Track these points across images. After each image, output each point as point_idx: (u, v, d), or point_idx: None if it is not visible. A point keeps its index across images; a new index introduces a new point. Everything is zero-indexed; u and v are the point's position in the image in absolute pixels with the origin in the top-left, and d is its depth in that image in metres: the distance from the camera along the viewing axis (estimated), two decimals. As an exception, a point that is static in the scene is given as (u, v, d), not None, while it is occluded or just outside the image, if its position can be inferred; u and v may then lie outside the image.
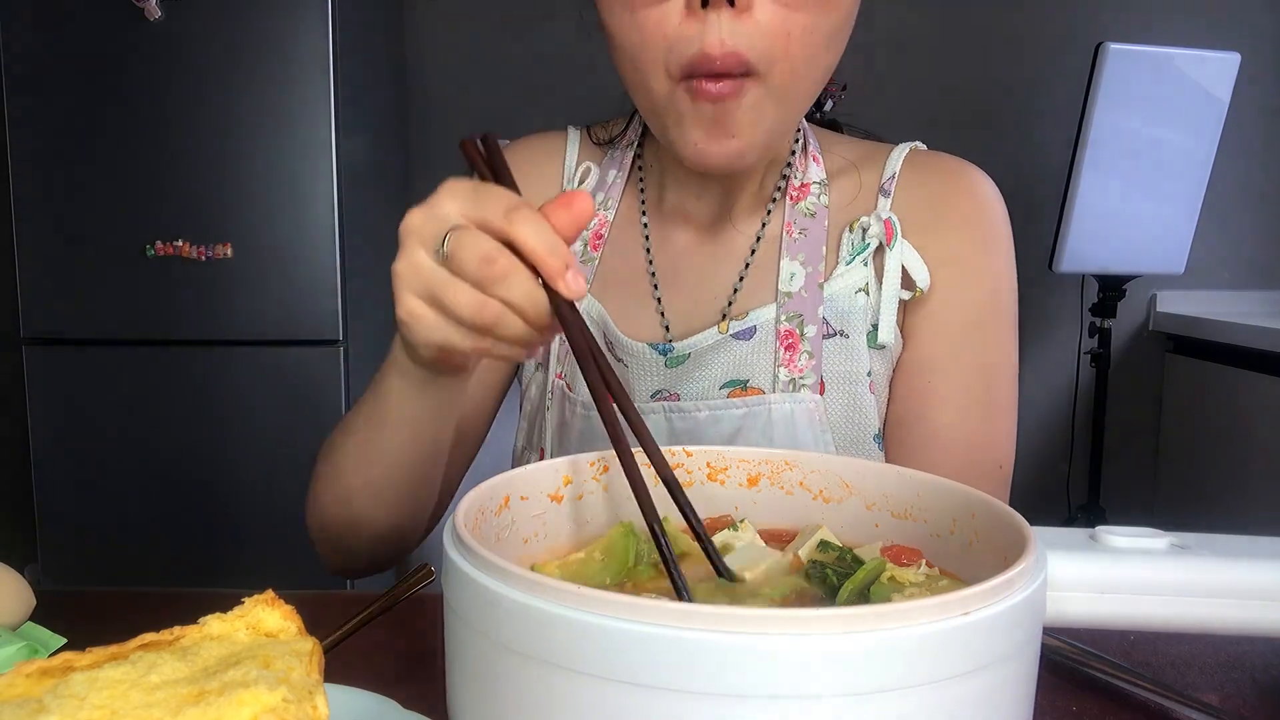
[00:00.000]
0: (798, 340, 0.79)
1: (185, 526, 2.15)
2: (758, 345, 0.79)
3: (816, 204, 0.82)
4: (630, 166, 0.87)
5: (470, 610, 0.37)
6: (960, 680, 0.34)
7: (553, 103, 2.37)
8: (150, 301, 2.10)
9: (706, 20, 0.65)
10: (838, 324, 0.79)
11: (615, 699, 0.33)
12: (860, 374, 0.79)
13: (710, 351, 0.79)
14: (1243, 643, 0.63)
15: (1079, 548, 0.46)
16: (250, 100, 2.07)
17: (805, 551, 0.50)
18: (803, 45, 0.67)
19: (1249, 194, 2.69)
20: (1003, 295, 0.81)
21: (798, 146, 0.83)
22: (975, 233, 0.80)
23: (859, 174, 0.83)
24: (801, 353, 0.78)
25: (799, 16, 0.66)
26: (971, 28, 2.67)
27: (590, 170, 0.86)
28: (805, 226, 0.81)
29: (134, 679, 0.34)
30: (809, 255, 0.80)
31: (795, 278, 0.80)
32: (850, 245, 0.80)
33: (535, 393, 0.86)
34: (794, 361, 0.78)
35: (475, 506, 0.45)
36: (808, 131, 0.84)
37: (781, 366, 0.78)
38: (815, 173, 0.83)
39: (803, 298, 0.79)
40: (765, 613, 0.33)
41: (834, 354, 0.79)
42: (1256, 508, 2.34)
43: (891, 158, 0.83)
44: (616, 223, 0.86)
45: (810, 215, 0.81)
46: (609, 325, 0.82)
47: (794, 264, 0.80)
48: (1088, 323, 2.52)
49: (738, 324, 0.79)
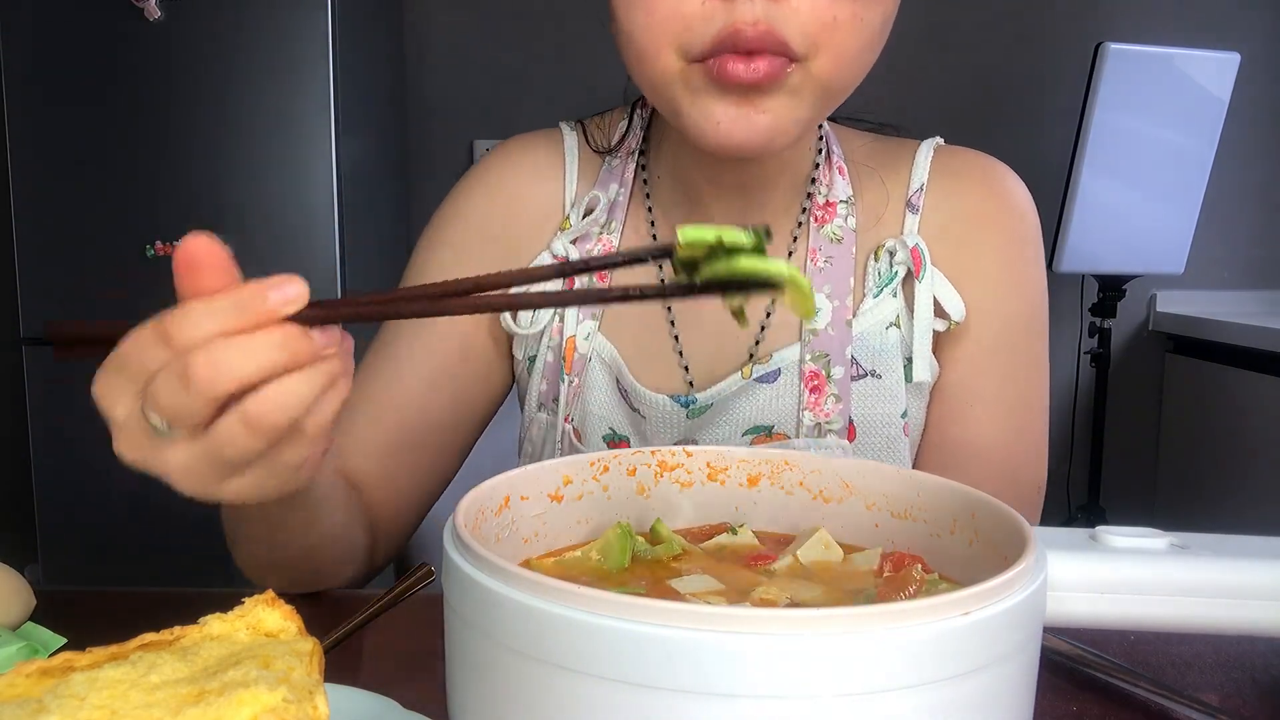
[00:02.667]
0: (824, 382, 0.73)
1: (185, 526, 2.14)
2: (782, 388, 0.73)
3: (843, 227, 0.75)
4: (634, 179, 0.79)
5: (470, 610, 0.37)
6: (960, 680, 0.34)
7: (553, 102, 2.37)
8: (150, 301, 2.08)
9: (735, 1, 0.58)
10: (869, 363, 0.74)
11: (615, 699, 0.33)
12: (894, 416, 0.74)
13: (733, 399, 0.74)
14: (1243, 643, 0.63)
15: (1079, 548, 0.46)
16: (250, 100, 2.07)
17: (805, 554, 0.50)
18: (851, 35, 0.60)
19: (1249, 194, 2.69)
20: (1039, 312, 0.77)
21: (820, 157, 0.77)
22: (1013, 251, 0.76)
23: (885, 186, 0.77)
24: (828, 396, 0.73)
25: (846, 4, 0.59)
26: (971, 27, 2.67)
27: (598, 201, 0.77)
28: (831, 254, 0.75)
29: (134, 679, 0.34)
30: (835, 287, 0.74)
31: (821, 314, 0.74)
32: (877, 274, 0.75)
33: (538, 434, 0.80)
34: (820, 405, 0.73)
35: (475, 506, 0.45)
36: (830, 135, 0.78)
37: (806, 410, 0.73)
38: (841, 188, 0.76)
39: (829, 335, 0.73)
40: (765, 613, 0.33)
41: (865, 396, 0.74)
42: (1256, 508, 2.34)
43: (917, 164, 0.77)
44: (623, 247, 0.78)
45: (836, 241, 0.75)
46: (623, 372, 0.76)
47: (819, 297, 0.74)
48: (1088, 323, 2.52)
49: (761, 367, 0.73)
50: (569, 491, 0.53)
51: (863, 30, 0.61)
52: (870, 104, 0.84)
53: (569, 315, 0.77)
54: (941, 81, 2.66)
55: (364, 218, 2.22)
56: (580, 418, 0.77)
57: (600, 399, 0.77)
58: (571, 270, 0.47)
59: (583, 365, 0.77)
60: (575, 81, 2.21)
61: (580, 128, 0.82)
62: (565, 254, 0.76)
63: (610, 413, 0.77)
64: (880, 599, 0.45)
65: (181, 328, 0.43)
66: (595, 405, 0.77)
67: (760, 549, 0.52)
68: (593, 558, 0.50)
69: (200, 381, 0.41)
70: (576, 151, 0.80)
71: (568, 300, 0.49)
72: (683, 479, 0.55)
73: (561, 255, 0.77)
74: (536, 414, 0.80)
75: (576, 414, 0.77)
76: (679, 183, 0.76)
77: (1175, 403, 2.73)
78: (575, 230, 0.77)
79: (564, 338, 0.77)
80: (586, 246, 0.78)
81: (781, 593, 0.45)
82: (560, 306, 0.52)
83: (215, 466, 0.45)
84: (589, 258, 0.72)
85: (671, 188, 0.77)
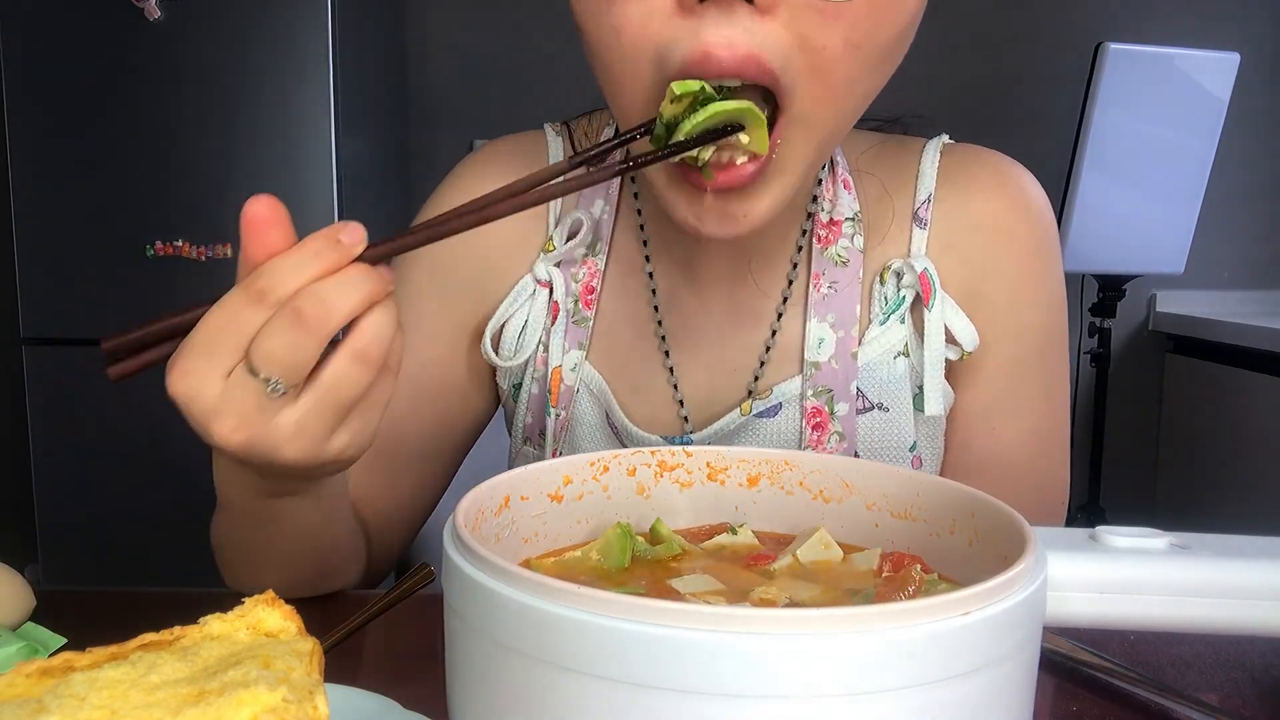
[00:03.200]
0: (827, 419, 0.68)
1: (185, 526, 2.14)
2: (782, 424, 0.69)
3: (849, 248, 0.70)
4: (620, 193, 0.73)
5: (470, 610, 0.37)
6: (960, 680, 0.34)
7: (553, 102, 2.37)
8: (150, 301, 2.10)
9: (704, 16, 0.51)
10: (875, 396, 0.69)
11: (615, 699, 0.33)
12: (903, 449, 0.70)
13: (732, 436, 0.70)
14: (1243, 643, 0.63)
15: (1079, 548, 0.46)
16: (250, 100, 2.07)
17: (804, 554, 0.50)
18: (844, 63, 0.53)
19: (1249, 194, 2.69)
20: (1058, 322, 0.73)
21: (824, 171, 0.71)
22: (1033, 263, 0.71)
23: (891, 200, 0.72)
24: (831, 433, 0.69)
25: (838, 28, 0.51)
26: (971, 27, 2.67)
27: (581, 224, 0.72)
28: (835, 279, 0.69)
29: (134, 679, 0.34)
30: (840, 316, 0.69)
31: (824, 344, 0.69)
32: (883, 299, 0.69)
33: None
34: (822, 443, 0.69)
35: (475, 506, 0.45)
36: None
37: (808, 448, 0.68)
38: (846, 204, 0.70)
39: (833, 369, 0.69)
40: (765, 613, 0.33)
41: (871, 430, 0.69)
42: (1256, 508, 2.34)
43: (923, 171, 0.71)
44: (611, 271, 0.73)
45: (841, 264, 0.70)
46: (613, 406, 0.71)
47: (823, 326, 0.69)
48: (1088, 323, 2.52)
49: (761, 403, 0.69)
50: (569, 491, 0.53)
51: (862, 57, 0.53)
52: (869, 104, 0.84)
53: (554, 345, 0.72)
54: (942, 81, 2.66)
55: (364, 218, 2.20)
56: (568, 452, 0.74)
57: (588, 434, 0.73)
58: (582, 160, 0.51)
59: (570, 398, 0.73)
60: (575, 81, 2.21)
61: (566, 130, 0.77)
62: (549, 278, 0.72)
63: (599, 448, 0.73)
64: (880, 599, 0.45)
65: (277, 282, 0.45)
66: (584, 441, 0.73)
67: (760, 549, 0.52)
68: (593, 558, 0.50)
69: (313, 321, 0.44)
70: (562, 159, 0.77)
71: (585, 182, 0.48)
72: (683, 479, 0.55)
73: (545, 280, 0.73)
74: (523, 448, 0.77)
75: (565, 449, 0.74)
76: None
77: (1175, 403, 2.73)
78: (559, 254, 0.73)
79: (549, 369, 0.73)
80: (571, 270, 0.73)
81: (781, 593, 0.45)
82: (579, 189, 0.49)
83: (327, 416, 0.47)
84: (597, 142, 0.66)
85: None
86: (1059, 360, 0.73)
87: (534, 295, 0.73)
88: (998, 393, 0.71)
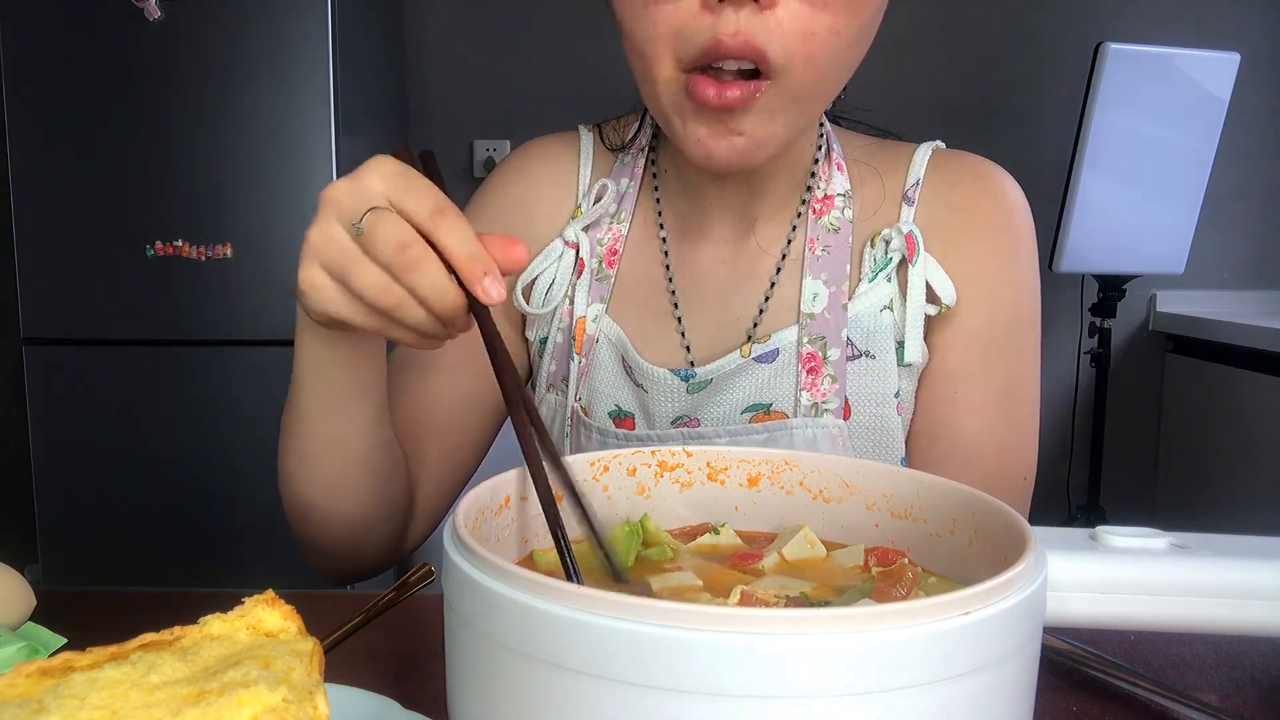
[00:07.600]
0: (820, 363, 0.76)
1: (185, 526, 2.15)
2: (780, 368, 0.77)
3: (840, 218, 0.79)
4: (644, 173, 0.84)
5: (470, 610, 0.37)
6: (960, 680, 0.34)
7: (554, 102, 2.37)
8: (150, 301, 2.10)
9: (721, 13, 0.62)
10: (863, 344, 0.77)
11: (614, 699, 0.33)
12: (887, 395, 0.77)
13: (732, 376, 0.77)
14: (1243, 643, 0.63)
15: (1079, 548, 0.46)
16: (250, 100, 2.07)
17: (789, 551, 0.50)
18: (826, 46, 0.64)
19: (1249, 194, 2.69)
20: (1028, 303, 0.80)
21: (820, 153, 0.81)
22: (1002, 241, 0.79)
23: (882, 181, 0.81)
24: (824, 376, 0.76)
25: (824, 16, 0.63)
26: (971, 27, 2.67)
27: (606, 189, 0.83)
28: (828, 243, 0.79)
29: (134, 679, 0.34)
30: (832, 274, 0.78)
31: (818, 298, 0.77)
32: (873, 260, 0.78)
33: (546, 415, 0.84)
34: (816, 385, 0.76)
35: (475, 506, 0.45)
36: (831, 134, 0.82)
37: (804, 390, 0.76)
38: (839, 183, 0.80)
39: (825, 319, 0.77)
40: (765, 613, 0.33)
41: (859, 376, 0.77)
42: (1256, 508, 2.34)
43: (915, 160, 0.81)
44: (632, 237, 0.83)
45: (834, 230, 0.79)
46: (628, 348, 0.80)
47: (816, 283, 0.78)
48: (1087, 323, 2.52)
49: (760, 347, 0.77)
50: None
51: (840, 40, 0.65)
52: (870, 103, 0.84)
53: (579, 298, 0.82)
54: (941, 81, 2.66)
55: (364, 218, 2.22)
56: (587, 396, 0.81)
57: (606, 377, 0.81)
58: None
59: (590, 346, 0.82)
60: (575, 82, 2.21)
61: (596, 129, 0.88)
62: (576, 240, 0.82)
63: (615, 390, 0.81)
64: (877, 594, 0.45)
65: (451, 221, 0.55)
66: (601, 384, 0.81)
67: (745, 548, 0.52)
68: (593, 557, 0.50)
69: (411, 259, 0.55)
70: (591, 150, 0.86)
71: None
72: (682, 479, 0.55)
73: (573, 241, 0.82)
74: (546, 395, 0.85)
75: (584, 393, 0.82)
76: (684, 176, 0.81)
77: (1175, 403, 2.73)
78: (586, 217, 0.82)
79: (574, 319, 0.82)
80: (597, 235, 0.83)
81: (769, 590, 0.45)
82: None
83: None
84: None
85: (677, 180, 0.82)
86: (1026, 342, 0.80)
87: (561, 256, 0.83)
88: (962, 361, 0.78)
